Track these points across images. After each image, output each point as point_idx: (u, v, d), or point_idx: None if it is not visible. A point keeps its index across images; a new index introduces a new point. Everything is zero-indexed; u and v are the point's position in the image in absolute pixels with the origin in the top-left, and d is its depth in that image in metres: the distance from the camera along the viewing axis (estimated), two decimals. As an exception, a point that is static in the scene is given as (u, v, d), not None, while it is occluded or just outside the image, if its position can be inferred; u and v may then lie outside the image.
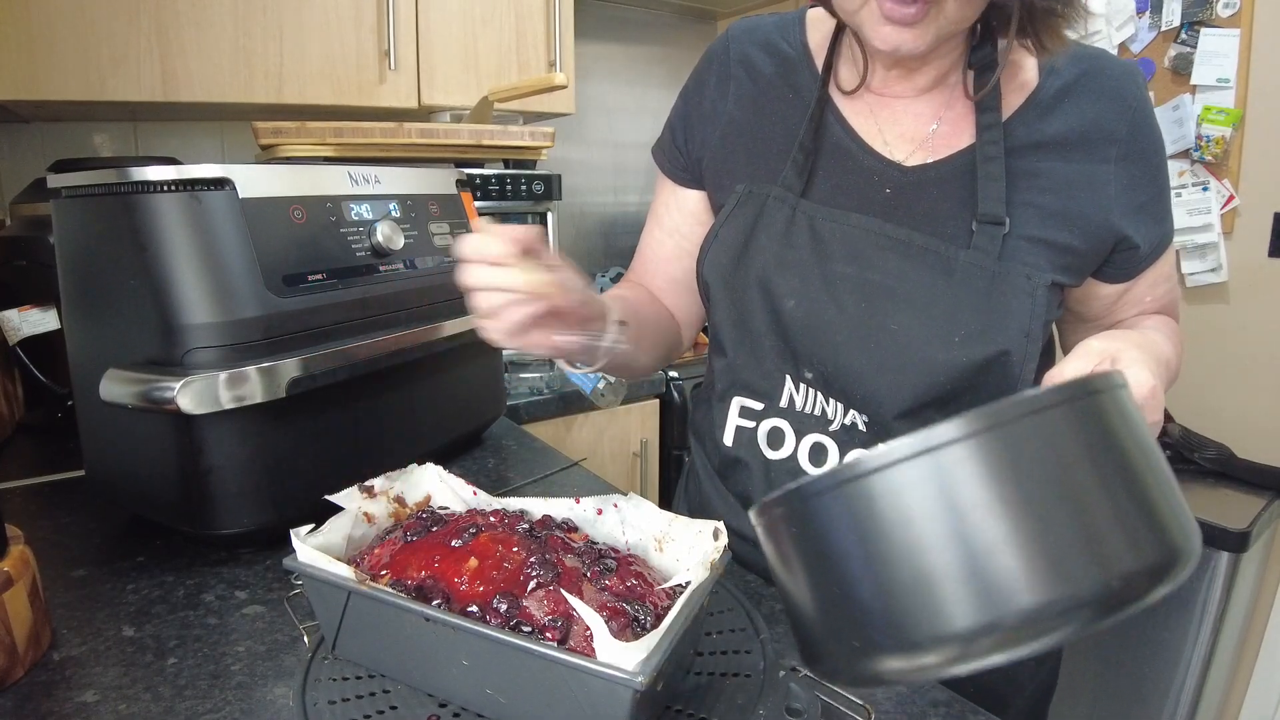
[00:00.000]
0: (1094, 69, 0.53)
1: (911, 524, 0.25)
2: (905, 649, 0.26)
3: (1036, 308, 0.50)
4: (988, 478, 0.25)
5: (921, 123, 0.55)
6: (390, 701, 0.43)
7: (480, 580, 0.42)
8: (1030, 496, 0.25)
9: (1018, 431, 0.26)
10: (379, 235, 0.70)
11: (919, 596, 0.25)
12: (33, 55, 1.04)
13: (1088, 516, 0.25)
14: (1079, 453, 0.26)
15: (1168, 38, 1.36)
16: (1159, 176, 0.54)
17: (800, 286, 0.54)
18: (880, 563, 0.26)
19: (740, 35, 0.62)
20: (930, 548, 0.25)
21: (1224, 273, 1.35)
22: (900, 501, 0.26)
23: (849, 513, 0.27)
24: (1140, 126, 0.53)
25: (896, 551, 0.26)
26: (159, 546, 0.64)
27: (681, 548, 0.47)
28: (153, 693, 0.45)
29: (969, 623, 0.25)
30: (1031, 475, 0.25)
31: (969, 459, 0.25)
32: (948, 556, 0.25)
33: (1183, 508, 0.28)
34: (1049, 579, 0.24)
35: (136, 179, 0.57)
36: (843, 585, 0.27)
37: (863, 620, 0.27)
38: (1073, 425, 0.26)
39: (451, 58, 1.36)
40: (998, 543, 0.24)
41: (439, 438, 0.82)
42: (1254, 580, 1.25)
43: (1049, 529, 0.25)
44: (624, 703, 0.35)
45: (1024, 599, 0.24)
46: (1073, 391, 0.27)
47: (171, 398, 0.54)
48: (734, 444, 0.60)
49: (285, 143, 1.09)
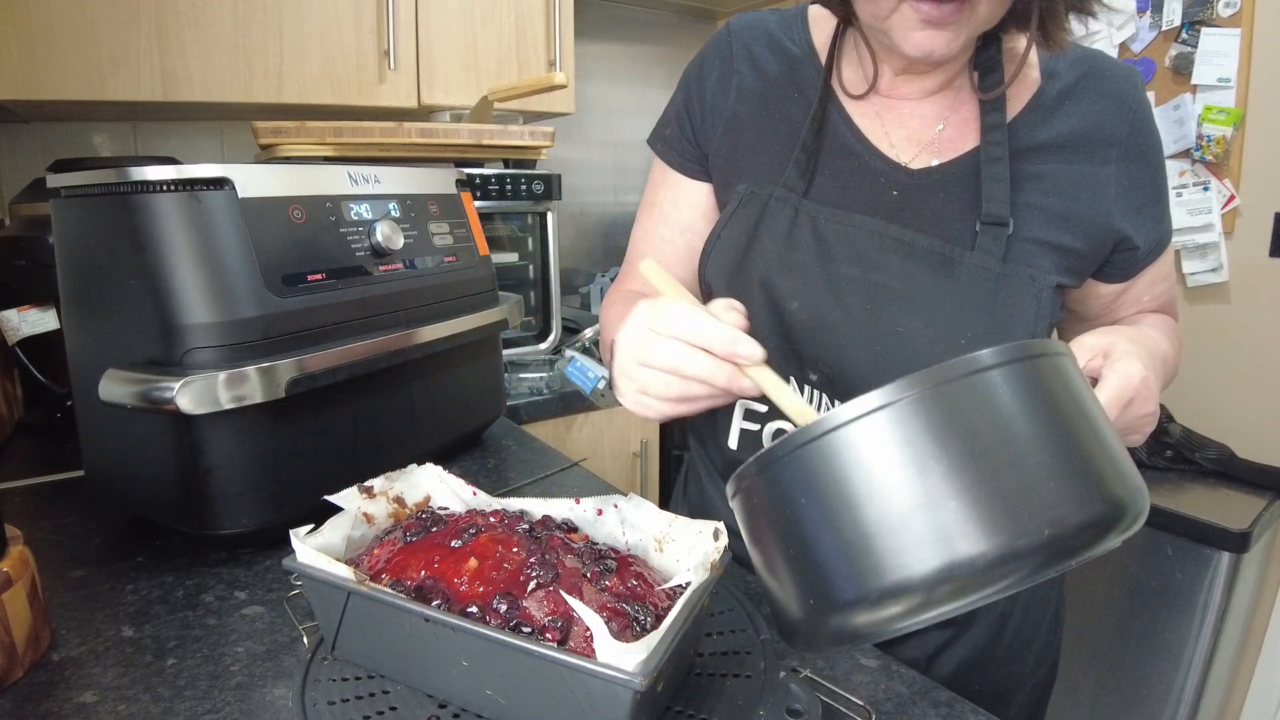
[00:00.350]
0: (1094, 71, 0.54)
1: (867, 479, 0.27)
2: (869, 602, 0.27)
3: (1042, 310, 0.50)
4: (934, 432, 0.27)
5: (927, 125, 0.55)
6: (390, 702, 0.43)
7: (480, 581, 0.42)
8: (975, 450, 0.26)
9: (960, 389, 0.27)
10: (379, 235, 0.70)
11: (876, 548, 0.27)
12: (32, 55, 1.04)
13: (1029, 468, 0.27)
14: (1018, 410, 0.28)
15: (1168, 37, 1.36)
16: (1158, 178, 0.55)
17: (804, 288, 0.54)
18: (839, 519, 0.27)
19: (742, 30, 0.61)
20: (884, 501, 0.27)
21: (1225, 272, 1.35)
22: (855, 458, 0.27)
23: (807, 474, 0.28)
24: (1140, 128, 0.53)
25: (853, 507, 0.27)
26: (158, 547, 0.64)
27: (682, 548, 0.47)
28: (152, 693, 0.45)
29: (926, 568, 0.26)
30: (975, 430, 0.27)
31: (916, 415, 0.27)
32: (901, 508, 0.26)
33: (1126, 465, 0.29)
34: (998, 526, 0.26)
35: (136, 179, 0.57)
36: (806, 545, 0.28)
37: (826, 577, 0.28)
38: (1012, 385, 0.28)
39: (451, 57, 1.36)
40: (946, 493, 0.26)
41: (439, 438, 0.82)
42: (1255, 580, 1.24)
43: (995, 479, 0.26)
44: (624, 703, 0.35)
45: (977, 544, 0.26)
46: (1012, 354, 0.28)
47: (171, 398, 0.54)
48: (739, 447, 0.59)
49: (285, 142, 1.09)
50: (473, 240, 0.87)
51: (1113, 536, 0.28)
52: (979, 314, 0.50)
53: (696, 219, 0.63)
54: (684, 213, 0.64)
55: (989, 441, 0.27)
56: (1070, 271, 0.53)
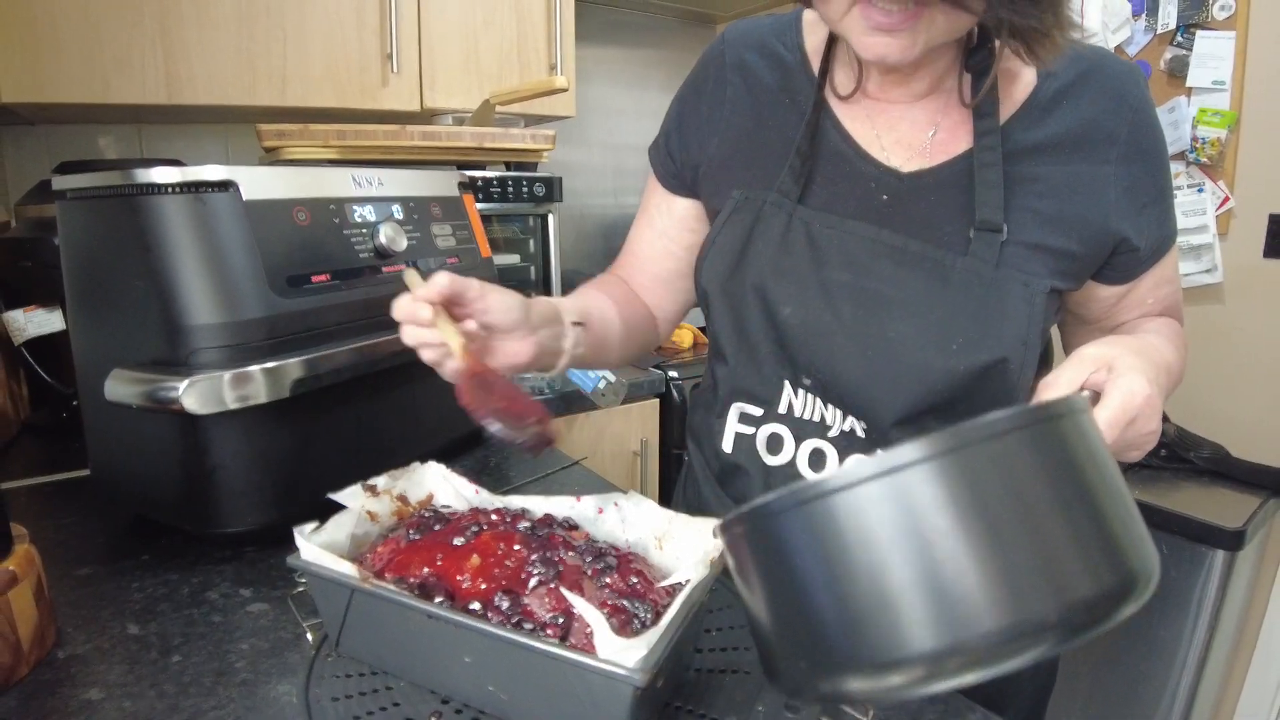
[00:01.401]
0: (1093, 69, 0.52)
1: (871, 546, 0.25)
2: (867, 670, 0.26)
3: (1034, 315, 0.50)
4: (947, 501, 0.25)
5: (918, 129, 0.54)
6: (393, 698, 0.43)
7: (482, 578, 0.42)
8: (988, 521, 0.25)
9: (977, 455, 0.26)
10: (382, 237, 0.71)
11: (879, 618, 0.25)
12: (38, 58, 1.05)
13: (1045, 542, 0.25)
14: (1037, 478, 0.26)
15: (1163, 40, 1.37)
16: (1161, 177, 0.54)
17: (797, 293, 0.54)
18: (840, 584, 0.26)
19: (736, 40, 0.61)
20: (890, 570, 0.25)
21: (1219, 274, 1.36)
22: (860, 523, 0.26)
23: (809, 532, 0.27)
24: (1141, 127, 0.52)
25: (856, 573, 0.26)
26: (163, 545, 0.65)
27: (681, 546, 0.48)
28: (157, 690, 0.46)
29: (930, 645, 0.25)
30: (990, 500, 0.25)
31: (928, 482, 0.25)
32: (907, 579, 0.25)
33: (1140, 531, 0.28)
34: (1008, 603, 0.24)
35: (141, 181, 0.57)
36: (803, 605, 0.27)
37: (823, 640, 0.27)
38: (1031, 450, 0.27)
39: (453, 61, 1.37)
40: (957, 566, 0.25)
41: (441, 437, 0.83)
42: (1249, 579, 1.25)
43: (1007, 554, 0.25)
44: (624, 699, 0.36)
45: (984, 623, 0.24)
46: (1031, 416, 0.27)
47: (176, 398, 0.54)
48: (733, 450, 0.60)
49: (289, 145, 1.10)
50: (475, 242, 0.88)
51: (1127, 608, 0.26)
52: (970, 319, 0.50)
53: (672, 226, 0.67)
54: (664, 219, 0.67)
55: (1004, 513, 0.25)
56: (1066, 275, 0.52)
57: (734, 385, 0.59)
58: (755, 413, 0.58)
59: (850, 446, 0.54)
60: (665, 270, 0.68)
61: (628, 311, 0.66)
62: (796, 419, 0.56)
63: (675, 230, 0.67)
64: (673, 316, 0.72)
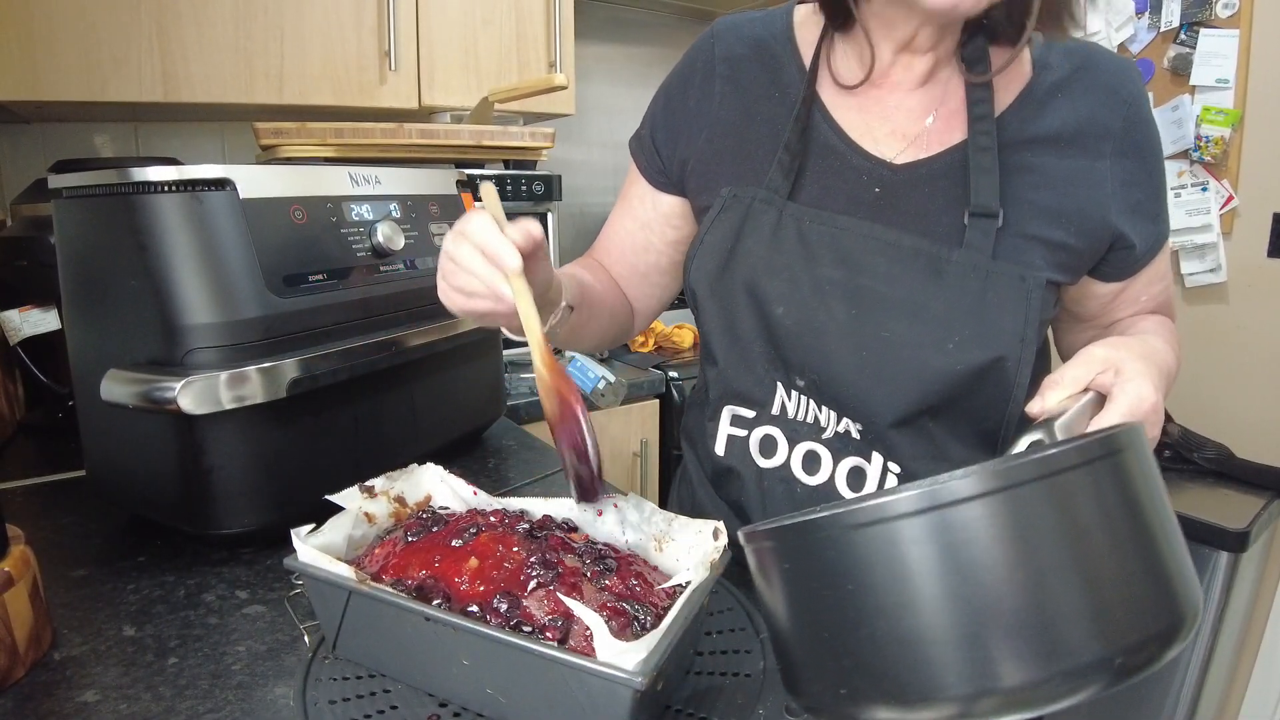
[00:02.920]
0: (1088, 64, 0.52)
1: (913, 580, 0.24)
2: (896, 703, 0.25)
3: (1031, 309, 0.49)
4: (997, 541, 0.24)
5: (914, 119, 0.54)
6: (391, 701, 0.43)
7: (480, 580, 0.42)
8: (1038, 565, 0.24)
9: (1033, 494, 0.24)
10: (379, 235, 0.71)
11: (914, 655, 0.24)
12: (34, 56, 1.04)
13: (1098, 588, 0.24)
14: (1094, 519, 0.25)
15: (1167, 38, 1.36)
16: (1155, 174, 0.54)
17: (789, 292, 0.53)
18: (878, 615, 0.25)
19: (725, 33, 0.60)
20: (931, 607, 0.24)
21: (1223, 273, 1.35)
22: (903, 555, 0.24)
23: (848, 559, 0.25)
24: (1136, 122, 0.52)
25: (896, 606, 0.24)
26: (160, 546, 0.64)
27: (681, 548, 0.47)
28: (153, 692, 0.45)
29: (966, 689, 0.24)
30: (1042, 542, 0.24)
31: (979, 520, 0.24)
32: (949, 618, 0.24)
33: (1188, 568, 0.27)
34: (1052, 651, 0.23)
35: (137, 179, 0.57)
36: (835, 630, 0.26)
37: (853, 668, 0.25)
38: (1090, 489, 0.25)
39: (452, 59, 1.36)
40: (1002, 610, 0.23)
41: (439, 438, 0.82)
42: (1253, 580, 1.25)
43: (1056, 600, 0.24)
44: (624, 702, 0.35)
45: (1024, 670, 0.23)
46: (1094, 452, 0.26)
47: (172, 398, 0.54)
48: (726, 453, 0.59)
49: (286, 143, 1.09)
50: (473, 241, 0.87)
51: (1174, 649, 0.25)
52: (967, 316, 0.49)
53: (656, 220, 0.66)
54: (647, 211, 0.66)
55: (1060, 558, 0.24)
56: (1064, 268, 0.52)
57: (725, 387, 0.58)
58: (747, 415, 0.57)
59: (845, 448, 0.54)
60: (644, 264, 0.67)
61: (610, 300, 0.66)
62: (790, 420, 0.55)
63: (658, 224, 0.65)
64: (649, 311, 0.71)
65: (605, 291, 0.65)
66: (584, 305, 0.58)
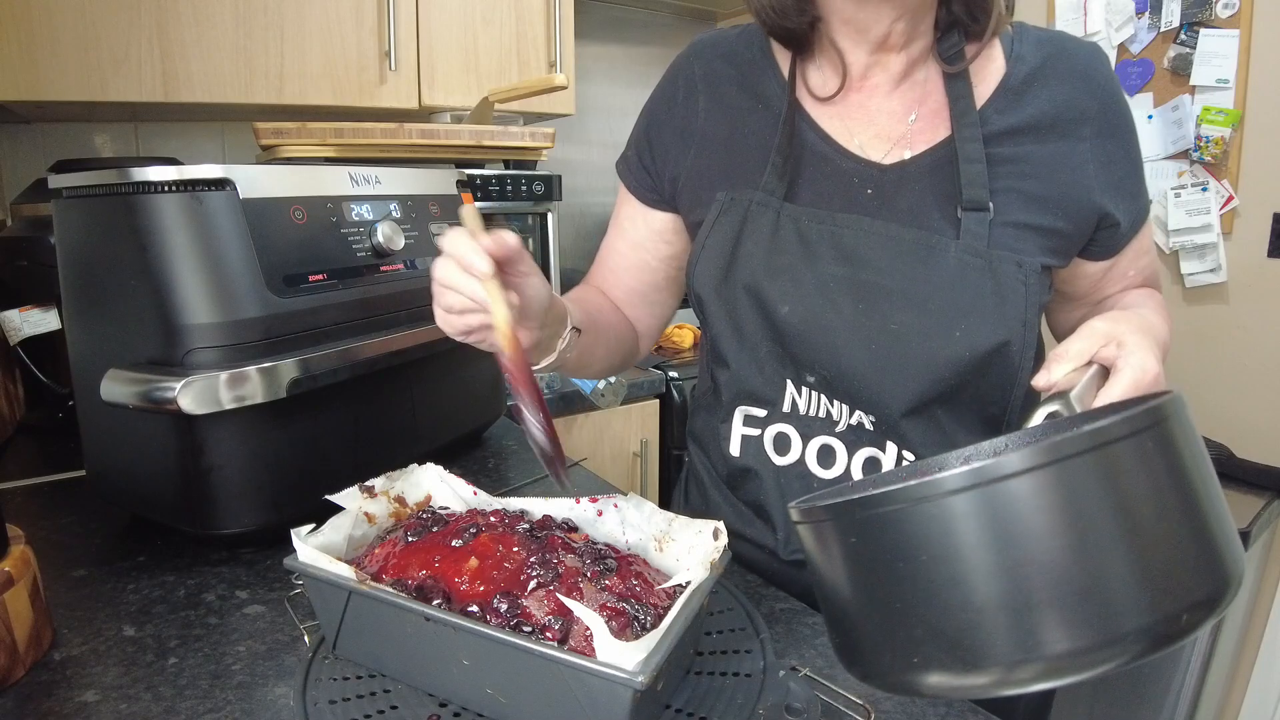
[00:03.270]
0: (1060, 52, 0.54)
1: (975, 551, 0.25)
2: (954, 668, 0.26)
3: (1030, 294, 0.51)
4: (1050, 512, 0.25)
5: (896, 120, 0.55)
6: (391, 701, 0.43)
7: (480, 580, 0.42)
8: (1090, 535, 0.25)
9: (1084, 466, 0.25)
10: (379, 235, 0.71)
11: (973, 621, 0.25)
12: (34, 56, 1.04)
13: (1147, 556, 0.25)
14: (1144, 488, 0.26)
15: (1167, 38, 1.36)
16: (1132, 151, 0.55)
17: (793, 291, 0.53)
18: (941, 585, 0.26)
19: (704, 50, 0.61)
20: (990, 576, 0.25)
21: (1223, 273, 1.35)
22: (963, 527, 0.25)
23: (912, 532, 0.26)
24: (1110, 103, 0.54)
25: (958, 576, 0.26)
26: (159, 546, 0.64)
27: (681, 548, 0.47)
28: (153, 692, 0.45)
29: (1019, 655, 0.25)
30: (1094, 512, 0.25)
31: (1033, 493, 0.25)
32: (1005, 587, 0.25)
33: (1232, 531, 0.27)
34: (1101, 618, 0.24)
35: (137, 179, 0.57)
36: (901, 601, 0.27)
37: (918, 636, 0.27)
38: (1139, 459, 0.26)
39: (452, 58, 1.36)
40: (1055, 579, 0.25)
41: (439, 438, 0.82)
42: (1253, 580, 1.25)
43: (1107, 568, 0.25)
44: (624, 702, 0.35)
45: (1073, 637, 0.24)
46: (1142, 422, 0.26)
47: (172, 398, 0.54)
48: (741, 454, 0.59)
49: (286, 143, 1.09)
50: (473, 241, 0.87)
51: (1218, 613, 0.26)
52: (970, 304, 0.50)
53: (649, 238, 0.66)
54: (639, 230, 0.66)
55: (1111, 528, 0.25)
56: (1055, 252, 0.53)
57: (737, 389, 0.59)
58: (760, 414, 0.58)
59: (860, 440, 0.54)
60: (642, 284, 0.68)
61: (614, 323, 0.66)
62: (802, 416, 0.56)
63: (652, 242, 0.66)
64: (651, 331, 0.71)
65: (609, 315, 0.66)
66: (590, 329, 0.58)
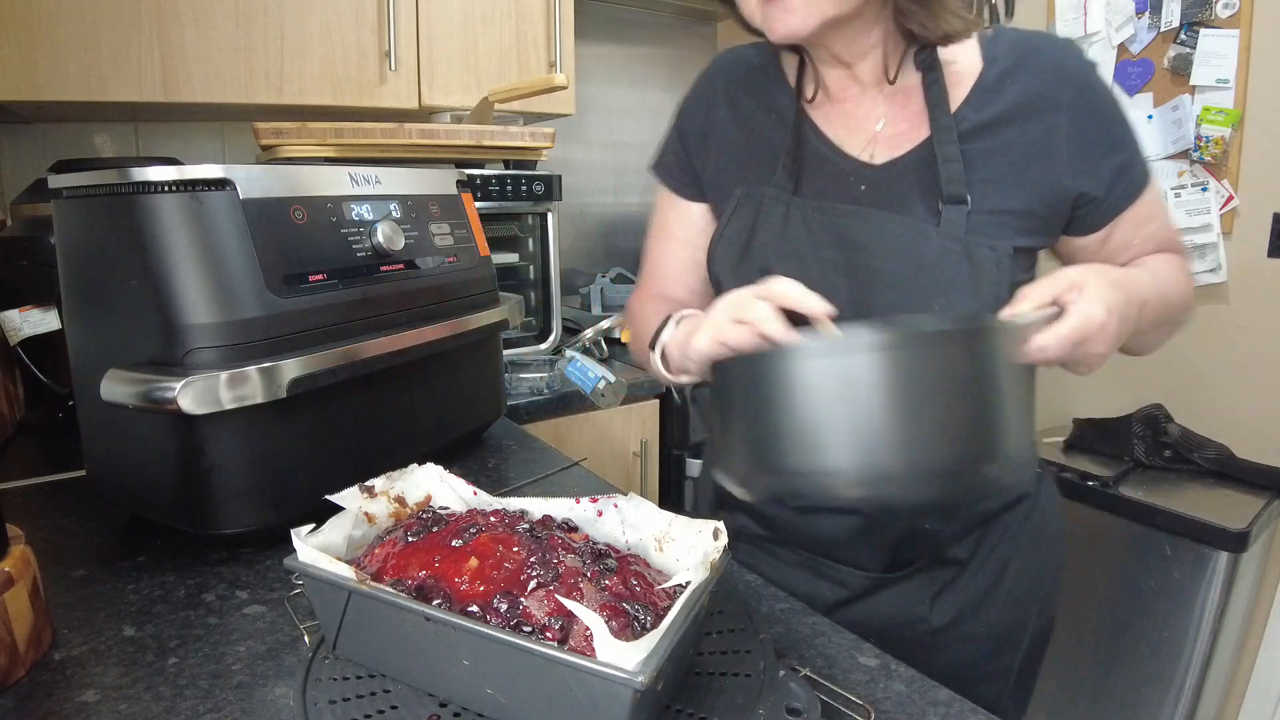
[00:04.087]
0: (1031, 50, 0.58)
1: (827, 395, 0.36)
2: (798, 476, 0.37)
3: (1003, 274, 0.55)
4: (882, 376, 0.35)
5: (887, 124, 0.61)
6: (391, 701, 0.43)
7: (480, 580, 0.42)
8: (900, 395, 0.35)
9: (909, 351, 0.35)
10: (379, 235, 0.71)
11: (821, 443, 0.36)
12: (34, 56, 1.04)
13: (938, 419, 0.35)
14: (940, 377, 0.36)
15: (1167, 38, 1.36)
16: (1115, 130, 0.58)
17: (798, 272, 0.58)
18: (801, 416, 0.36)
19: (726, 67, 0.69)
20: (836, 415, 0.36)
21: (1223, 273, 1.35)
22: (827, 378, 0.36)
23: (786, 378, 0.37)
24: (1086, 89, 0.57)
25: (814, 412, 0.36)
26: (160, 546, 0.65)
27: (682, 548, 0.47)
28: (153, 692, 0.45)
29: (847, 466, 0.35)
30: (908, 382, 0.35)
31: (874, 364, 0.35)
32: (846, 423, 0.35)
33: (1015, 423, 0.37)
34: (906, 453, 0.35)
35: (137, 179, 0.57)
36: (772, 426, 0.37)
37: (775, 451, 0.37)
38: (941, 358, 0.36)
39: (452, 58, 1.36)
40: (878, 420, 0.35)
41: (439, 438, 0.82)
42: (1253, 580, 1.25)
43: (919, 420, 0.35)
44: (624, 702, 0.35)
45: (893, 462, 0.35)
46: (957, 327, 0.37)
47: (172, 398, 0.54)
48: None
49: (286, 143, 1.09)
50: (473, 241, 0.87)
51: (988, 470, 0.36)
52: (949, 281, 0.55)
53: (696, 236, 0.72)
54: (686, 230, 0.72)
55: (915, 391, 0.35)
56: (1032, 232, 0.58)
57: None
58: None
59: None
60: (698, 280, 0.72)
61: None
62: None
63: (699, 238, 0.71)
64: None
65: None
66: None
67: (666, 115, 0.74)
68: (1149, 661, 1.21)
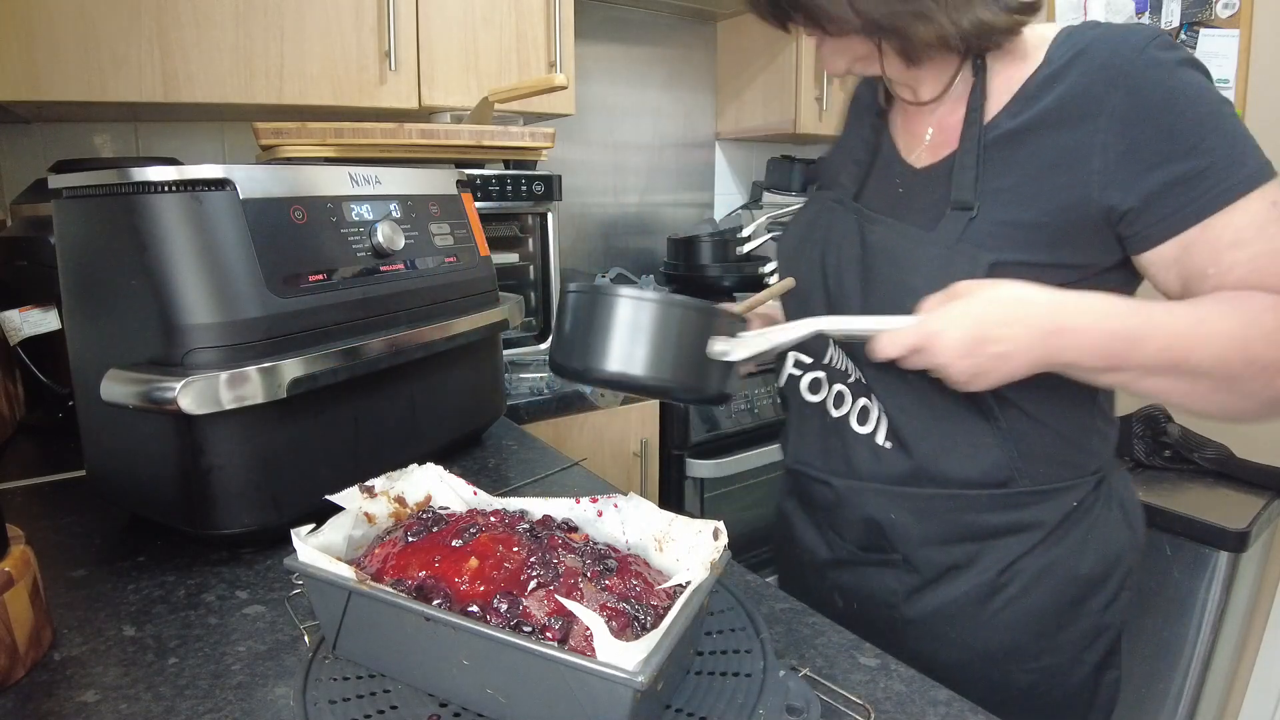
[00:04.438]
0: (1088, 46, 0.54)
1: (607, 318, 0.52)
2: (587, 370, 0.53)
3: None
4: (621, 317, 0.52)
5: (932, 134, 0.64)
6: (391, 701, 0.43)
7: (480, 580, 0.42)
8: (627, 327, 0.52)
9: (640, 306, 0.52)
10: (379, 236, 0.71)
11: (597, 346, 0.52)
12: (34, 56, 1.04)
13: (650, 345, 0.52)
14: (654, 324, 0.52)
15: (1167, 38, 1.36)
16: (1177, 137, 0.50)
17: (821, 267, 0.66)
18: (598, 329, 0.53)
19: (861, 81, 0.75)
20: (601, 330, 0.52)
21: (1223, 273, 1.35)
22: (617, 312, 0.52)
23: (594, 308, 0.53)
24: (1138, 89, 0.51)
25: (596, 327, 0.53)
26: (160, 546, 0.65)
27: (682, 548, 0.47)
28: (154, 692, 0.45)
29: (612, 369, 0.52)
30: (629, 322, 0.52)
31: (619, 309, 0.52)
32: (606, 337, 0.52)
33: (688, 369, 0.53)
34: (631, 363, 0.52)
35: (137, 180, 0.57)
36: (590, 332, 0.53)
37: (587, 349, 0.53)
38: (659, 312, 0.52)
39: (452, 58, 1.36)
40: (621, 340, 0.52)
41: (439, 438, 0.82)
42: (1253, 580, 1.25)
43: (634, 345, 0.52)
44: (624, 702, 0.35)
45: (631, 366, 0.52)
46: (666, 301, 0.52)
47: (172, 398, 0.54)
48: (785, 385, 0.73)
49: (286, 143, 1.09)
50: (473, 241, 0.87)
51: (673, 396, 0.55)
52: (928, 288, 0.55)
53: None
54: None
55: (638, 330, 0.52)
56: (1042, 245, 0.55)
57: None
58: (806, 361, 0.70)
59: (858, 391, 0.66)
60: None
61: None
62: (830, 368, 0.67)
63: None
64: None
65: None
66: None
67: (666, 115, 0.76)
68: (1149, 661, 1.21)
